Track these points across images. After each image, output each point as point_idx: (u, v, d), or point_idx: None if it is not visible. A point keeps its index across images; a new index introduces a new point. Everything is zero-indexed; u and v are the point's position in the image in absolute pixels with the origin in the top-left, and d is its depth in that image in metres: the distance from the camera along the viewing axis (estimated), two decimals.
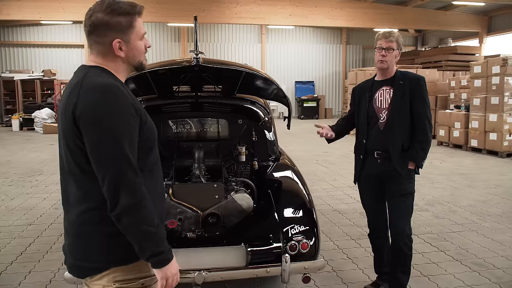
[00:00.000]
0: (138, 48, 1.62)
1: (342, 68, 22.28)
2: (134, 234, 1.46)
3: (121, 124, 1.45)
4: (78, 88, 1.49)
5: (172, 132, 3.65)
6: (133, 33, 1.59)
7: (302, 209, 2.96)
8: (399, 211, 2.99)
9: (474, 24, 17.76)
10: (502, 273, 3.64)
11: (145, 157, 1.59)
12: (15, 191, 6.61)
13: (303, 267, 2.63)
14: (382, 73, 3.04)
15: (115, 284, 1.54)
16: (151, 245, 1.48)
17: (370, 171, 3.10)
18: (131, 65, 1.65)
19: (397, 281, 3.05)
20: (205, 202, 2.88)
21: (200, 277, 2.44)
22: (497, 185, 6.95)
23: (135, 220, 1.44)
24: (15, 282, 3.50)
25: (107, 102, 1.45)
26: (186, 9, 15.17)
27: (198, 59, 2.79)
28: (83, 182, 1.53)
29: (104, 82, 1.50)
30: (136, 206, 1.44)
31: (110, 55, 1.58)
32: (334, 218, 5.19)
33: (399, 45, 2.94)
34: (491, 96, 9.89)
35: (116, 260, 1.55)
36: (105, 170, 1.43)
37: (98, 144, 1.43)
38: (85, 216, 1.54)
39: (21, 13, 14.37)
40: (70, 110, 1.46)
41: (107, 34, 1.55)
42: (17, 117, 16.01)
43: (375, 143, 3.03)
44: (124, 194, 1.42)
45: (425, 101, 2.96)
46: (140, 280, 1.58)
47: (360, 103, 3.15)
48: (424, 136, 2.94)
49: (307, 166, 8.68)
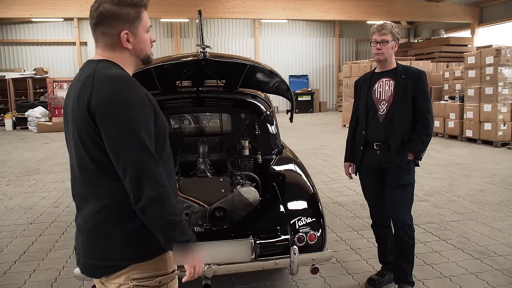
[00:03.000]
0: (145, 40, 1.61)
1: (336, 61, 22.31)
2: (160, 225, 1.45)
3: (137, 115, 1.44)
4: (91, 81, 1.46)
5: (176, 127, 3.64)
6: (141, 25, 1.58)
7: (308, 201, 2.98)
8: (398, 201, 3.01)
9: (465, 15, 17.84)
10: (504, 260, 3.70)
11: (160, 151, 1.57)
12: (13, 191, 6.57)
13: (311, 259, 2.65)
14: (381, 65, 3.07)
15: (132, 282, 1.53)
16: (177, 235, 1.46)
17: (370, 162, 3.13)
18: (138, 58, 1.63)
19: (401, 270, 3.09)
20: (212, 196, 2.88)
21: (210, 271, 2.45)
22: (494, 174, 7.02)
23: (161, 211, 1.43)
24: (20, 281, 3.49)
25: (122, 93, 1.44)
26: (179, 4, 15.11)
27: (205, 53, 2.78)
28: (98, 179, 1.51)
29: (117, 73, 1.49)
30: (160, 196, 1.42)
31: (118, 48, 1.56)
32: (335, 210, 5.22)
33: (394, 36, 2.96)
34: (485, 87, 9.97)
35: (134, 258, 1.53)
36: (126, 161, 1.42)
37: (116, 135, 1.42)
38: (100, 214, 1.52)
39: (11, 10, 14.20)
40: (84, 104, 1.44)
41: (115, 25, 1.53)
42: (10, 116, 15.87)
43: (374, 134, 3.06)
44: (147, 185, 1.41)
45: (427, 96, 2.99)
46: (158, 278, 1.57)
47: (360, 95, 3.17)
48: (426, 130, 2.97)
49: (305, 160, 8.69)
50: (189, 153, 3.39)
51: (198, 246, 1.53)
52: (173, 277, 1.63)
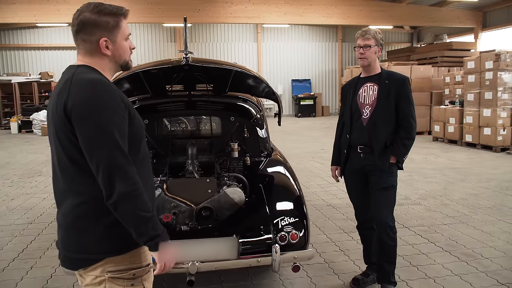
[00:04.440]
0: (124, 47, 1.70)
1: (338, 65, 22.39)
2: (131, 220, 1.54)
3: (110, 116, 1.53)
4: (68, 85, 1.57)
5: (166, 130, 3.75)
6: (119, 33, 1.67)
7: (293, 202, 3.06)
8: (381, 203, 3.08)
9: (469, 20, 17.86)
10: (490, 263, 3.75)
11: (136, 151, 1.67)
12: (15, 192, 6.71)
13: (292, 257, 2.73)
14: (365, 70, 3.16)
15: (107, 274, 1.62)
16: (148, 229, 1.56)
17: (354, 165, 3.21)
18: (117, 63, 1.72)
19: (383, 271, 3.15)
20: (199, 196, 2.98)
21: (193, 267, 2.55)
22: (490, 179, 7.06)
23: (132, 207, 1.52)
24: (17, 277, 3.60)
25: (98, 97, 1.53)
26: (182, 9, 15.24)
27: (188, 58, 2.89)
28: (75, 177, 1.60)
29: (93, 78, 1.59)
30: (132, 193, 1.51)
31: (97, 54, 1.66)
32: (327, 213, 5.30)
33: (378, 41, 3.03)
34: (484, 91, 10.01)
35: (109, 251, 1.62)
36: (99, 158, 1.50)
37: (90, 136, 1.51)
38: (78, 210, 1.62)
39: (17, 16, 14.41)
40: (61, 107, 1.54)
41: (94, 33, 1.63)
42: (15, 119, 16.08)
43: (358, 138, 3.14)
44: (119, 181, 1.50)
45: (410, 101, 3.07)
46: (132, 270, 1.66)
47: (346, 99, 3.26)
48: (408, 134, 3.05)
49: (303, 163, 8.80)
50: (179, 155, 3.50)
51: (168, 242, 1.63)
52: (147, 270, 1.72)
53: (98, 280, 1.63)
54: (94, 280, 1.63)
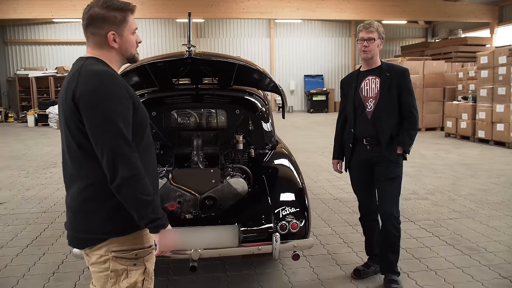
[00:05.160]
0: (130, 41, 1.81)
1: (351, 61, 22.28)
2: (133, 203, 1.64)
3: (116, 106, 1.63)
4: (77, 76, 1.67)
5: (173, 122, 3.84)
6: (126, 27, 1.78)
7: (294, 193, 3.13)
8: (386, 194, 3.13)
9: (484, 15, 17.58)
10: (493, 256, 3.77)
11: (140, 139, 1.77)
12: (30, 182, 6.91)
13: (292, 245, 2.80)
14: (367, 63, 3.19)
15: (111, 254, 1.73)
16: (149, 212, 1.65)
17: (360, 157, 3.25)
18: (124, 56, 1.83)
19: (387, 261, 3.21)
20: (203, 186, 3.07)
21: (196, 254, 2.64)
22: (501, 174, 7.02)
23: (134, 190, 1.62)
24: (30, 263, 3.75)
25: (105, 87, 1.64)
26: (195, 4, 15.35)
27: (190, 51, 2.97)
28: (82, 162, 1.71)
29: (100, 69, 1.69)
30: (133, 178, 1.61)
31: (105, 47, 1.77)
32: (334, 206, 5.35)
33: (380, 34, 3.08)
34: (497, 87, 9.89)
35: (113, 232, 1.73)
36: (103, 145, 1.60)
37: (96, 123, 1.61)
38: (85, 193, 1.73)
39: (33, 12, 14.70)
40: (70, 96, 1.65)
41: (103, 27, 1.73)
42: (32, 113, 16.45)
43: (363, 131, 3.18)
44: (121, 167, 1.60)
45: (411, 92, 3.12)
46: (134, 251, 1.76)
47: (347, 94, 3.29)
48: (411, 124, 3.11)
49: (313, 158, 8.84)
50: (185, 146, 3.59)
51: (168, 227, 1.72)
52: (149, 252, 1.82)
53: (103, 259, 1.73)
54: (99, 259, 1.74)
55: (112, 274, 1.74)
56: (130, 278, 1.75)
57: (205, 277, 3.44)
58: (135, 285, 1.76)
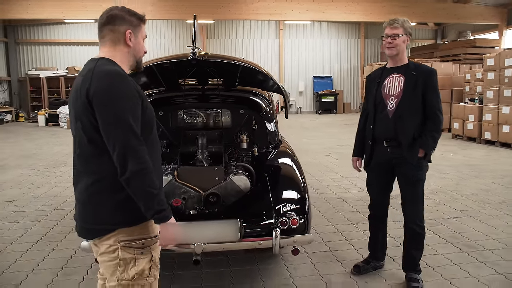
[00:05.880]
0: (141, 45, 1.99)
1: (361, 62, 22.31)
2: (142, 195, 1.76)
3: (126, 104, 1.76)
4: (90, 75, 1.80)
5: (179, 121, 3.97)
6: (140, 32, 1.96)
7: (295, 191, 3.22)
8: (409, 198, 3.11)
9: (492, 17, 17.52)
10: (490, 254, 3.84)
11: (148, 133, 1.90)
12: (41, 181, 7.08)
13: (292, 241, 2.90)
14: (393, 61, 3.11)
15: (120, 243, 1.86)
16: (155, 204, 1.78)
17: (379, 159, 3.18)
18: (135, 58, 1.98)
19: (410, 257, 3.22)
20: (207, 183, 3.19)
21: (199, 248, 2.74)
22: (505, 175, 7.05)
23: (142, 183, 1.74)
24: (40, 258, 3.89)
25: (116, 87, 1.77)
26: (205, 6, 15.54)
27: (195, 53, 3.09)
28: (89, 157, 1.84)
29: (112, 69, 1.82)
30: (142, 171, 1.74)
31: (120, 45, 1.92)
32: (337, 205, 5.43)
33: (406, 30, 2.99)
34: (503, 89, 9.91)
35: (121, 223, 1.85)
36: (115, 138, 1.73)
37: (109, 120, 1.75)
38: (93, 188, 1.85)
39: (45, 12, 14.99)
40: (84, 94, 1.77)
41: (122, 24, 1.91)
42: (43, 113, 16.73)
43: (384, 131, 3.11)
44: (131, 161, 1.72)
45: (437, 93, 3.03)
46: (141, 240, 1.89)
47: (370, 90, 3.22)
48: (436, 126, 3.01)
49: (319, 158, 8.92)
50: (190, 144, 3.71)
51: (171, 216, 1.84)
52: (155, 241, 1.95)
53: (112, 248, 1.86)
54: (109, 249, 1.87)
55: (121, 262, 1.87)
56: (138, 266, 1.88)
57: (209, 272, 3.55)
58: (142, 272, 1.88)
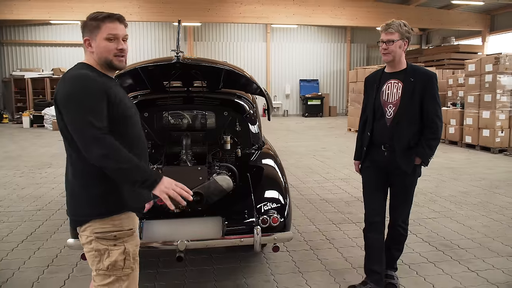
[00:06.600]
0: (103, 46, 2.00)
1: (347, 66, 22.57)
2: (119, 174, 1.87)
3: (85, 104, 1.87)
4: (61, 79, 1.98)
5: (164, 123, 4.05)
6: (99, 33, 2.00)
7: (277, 191, 3.33)
8: (402, 201, 3.11)
9: (476, 23, 17.94)
10: (464, 252, 4.00)
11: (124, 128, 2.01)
12: (25, 182, 7.07)
13: (272, 238, 3.01)
14: (390, 65, 3.01)
15: (95, 234, 1.99)
16: (137, 177, 1.87)
17: (376, 161, 3.11)
18: (101, 60, 2.03)
19: (391, 256, 3.27)
20: (190, 182, 3.26)
21: (182, 244, 2.84)
22: (483, 178, 7.26)
23: (114, 163, 1.83)
24: (25, 256, 3.93)
25: (76, 89, 1.89)
26: (192, 8, 15.62)
27: (179, 56, 3.18)
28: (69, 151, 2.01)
29: (77, 73, 1.95)
30: (107, 155, 1.83)
31: (87, 51, 2.05)
32: (320, 206, 5.56)
33: (403, 35, 2.87)
34: (484, 94, 10.17)
35: (94, 214, 1.99)
36: (77, 135, 1.86)
37: (69, 120, 1.89)
38: (73, 180, 2.02)
39: (31, 13, 14.91)
40: (55, 98, 1.96)
41: (84, 32, 2.04)
42: (27, 114, 16.59)
43: (381, 138, 3.04)
44: (95, 147, 1.82)
45: (436, 99, 2.93)
46: (113, 232, 2.00)
47: (369, 94, 3.14)
48: (434, 134, 2.93)
49: (304, 160, 9.05)
50: (175, 145, 3.80)
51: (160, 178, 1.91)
52: (129, 234, 2.05)
53: (88, 239, 2.01)
54: (86, 240, 2.02)
55: (96, 253, 2.00)
56: (111, 257, 2.00)
57: (193, 269, 3.64)
58: (115, 263, 2.00)
